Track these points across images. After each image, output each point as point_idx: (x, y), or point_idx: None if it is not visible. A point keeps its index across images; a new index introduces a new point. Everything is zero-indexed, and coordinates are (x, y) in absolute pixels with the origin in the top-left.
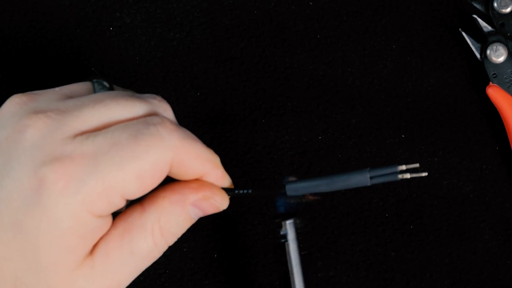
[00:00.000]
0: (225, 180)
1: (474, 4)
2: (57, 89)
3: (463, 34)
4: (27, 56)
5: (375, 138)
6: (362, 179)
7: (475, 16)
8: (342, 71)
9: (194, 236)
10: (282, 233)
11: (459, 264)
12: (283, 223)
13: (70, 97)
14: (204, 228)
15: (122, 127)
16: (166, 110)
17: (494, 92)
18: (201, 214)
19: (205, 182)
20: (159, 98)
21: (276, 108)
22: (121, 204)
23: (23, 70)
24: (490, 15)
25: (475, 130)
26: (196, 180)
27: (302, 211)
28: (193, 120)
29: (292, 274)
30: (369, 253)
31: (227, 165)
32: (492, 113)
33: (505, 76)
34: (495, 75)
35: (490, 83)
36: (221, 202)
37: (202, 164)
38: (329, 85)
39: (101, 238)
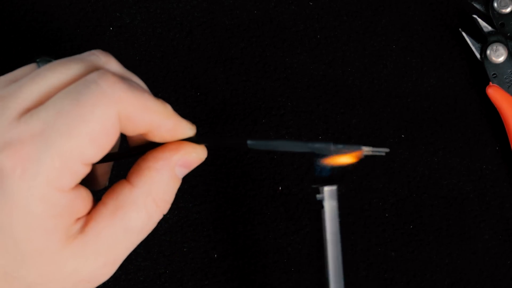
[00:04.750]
0: (183, 128)
1: (474, 4)
2: (1, 77)
3: (463, 34)
4: (27, 56)
5: (375, 138)
6: (325, 148)
7: (475, 16)
8: (342, 71)
9: (194, 236)
10: (318, 199)
11: (459, 264)
12: (320, 188)
13: (15, 81)
14: (204, 228)
15: (63, 93)
16: (107, 62)
17: (494, 92)
18: (186, 171)
19: (180, 141)
20: (97, 52)
21: (276, 108)
22: (86, 170)
23: None
24: (490, 15)
25: (475, 130)
26: (171, 142)
27: (341, 178)
28: (193, 120)
29: (326, 242)
30: (369, 253)
31: (227, 165)
32: (492, 113)
33: (505, 76)
34: (495, 75)
35: (490, 83)
36: (201, 154)
37: (149, 116)
38: (329, 85)
39: (91, 217)
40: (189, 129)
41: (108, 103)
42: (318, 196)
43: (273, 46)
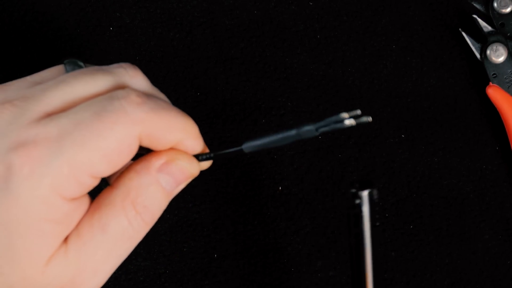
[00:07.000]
0: (198, 147)
1: (474, 4)
2: (28, 77)
3: (463, 34)
4: (27, 56)
5: (375, 138)
6: (309, 131)
7: (475, 16)
8: (342, 71)
9: (194, 236)
10: (357, 203)
11: (459, 264)
12: (359, 193)
13: (40, 83)
14: (204, 228)
15: (86, 105)
16: (134, 76)
17: (494, 92)
18: (172, 182)
19: (170, 149)
20: (126, 65)
21: (276, 108)
22: (93, 183)
23: (23, 70)
24: (490, 15)
25: (475, 130)
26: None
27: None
28: (193, 120)
29: (364, 246)
30: None
31: (227, 165)
32: (492, 113)
33: (505, 76)
34: (495, 75)
35: (490, 83)
36: (189, 165)
37: (173, 134)
38: (329, 85)
39: (76, 225)
40: (200, 147)
41: (128, 123)
42: (356, 200)
43: (273, 46)
